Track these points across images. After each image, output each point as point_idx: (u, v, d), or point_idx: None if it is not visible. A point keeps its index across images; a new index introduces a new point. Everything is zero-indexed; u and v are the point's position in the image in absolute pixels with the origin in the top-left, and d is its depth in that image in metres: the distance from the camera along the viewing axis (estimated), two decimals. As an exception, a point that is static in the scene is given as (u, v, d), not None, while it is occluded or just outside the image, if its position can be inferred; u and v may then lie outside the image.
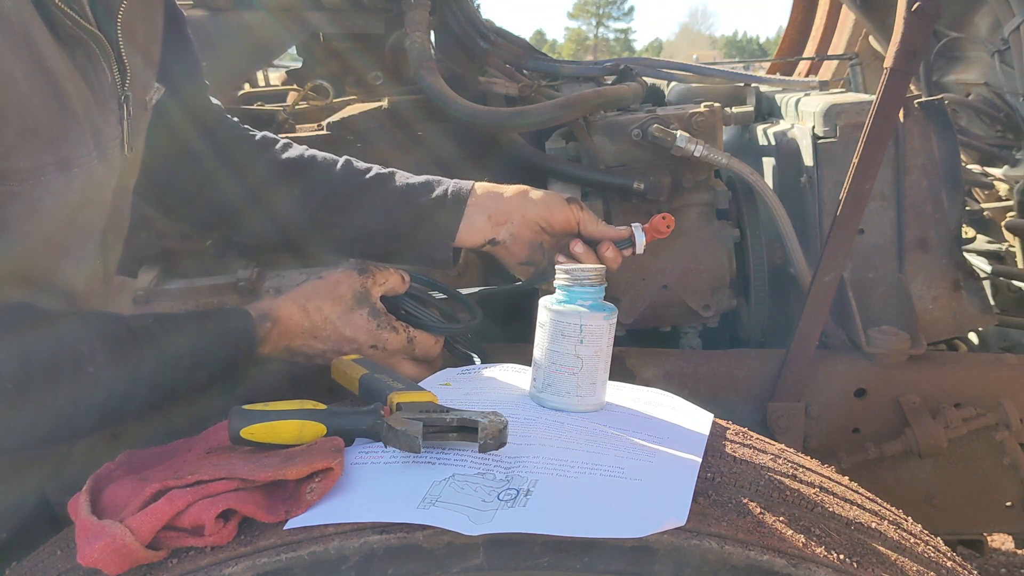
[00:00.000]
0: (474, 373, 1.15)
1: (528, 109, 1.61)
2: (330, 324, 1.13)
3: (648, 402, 1.06)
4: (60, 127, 0.96)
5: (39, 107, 0.93)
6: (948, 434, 1.49)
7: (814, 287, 1.44)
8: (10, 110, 0.89)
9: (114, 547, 0.75)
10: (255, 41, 1.78)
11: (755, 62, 5.09)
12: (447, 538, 0.77)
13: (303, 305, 1.13)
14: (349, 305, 1.14)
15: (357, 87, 1.93)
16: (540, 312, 1.01)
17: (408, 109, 1.74)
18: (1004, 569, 2.57)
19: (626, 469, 0.85)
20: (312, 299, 1.14)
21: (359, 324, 1.14)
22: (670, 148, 1.54)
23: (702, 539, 0.78)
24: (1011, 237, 2.06)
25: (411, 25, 1.73)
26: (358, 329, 1.14)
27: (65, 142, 0.96)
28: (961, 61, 2.38)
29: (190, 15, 1.76)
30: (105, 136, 1.04)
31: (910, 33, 1.34)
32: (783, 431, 1.47)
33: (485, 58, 1.87)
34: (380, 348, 1.15)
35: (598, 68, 1.90)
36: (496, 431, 0.85)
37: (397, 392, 0.98)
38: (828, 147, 1.59)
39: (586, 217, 1.33)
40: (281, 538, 0.78)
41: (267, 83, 2.12)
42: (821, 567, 0.80)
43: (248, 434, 0.89)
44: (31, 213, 0.95)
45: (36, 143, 0.93)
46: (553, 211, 1.32)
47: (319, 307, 1.13)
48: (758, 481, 0.91)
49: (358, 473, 0.85)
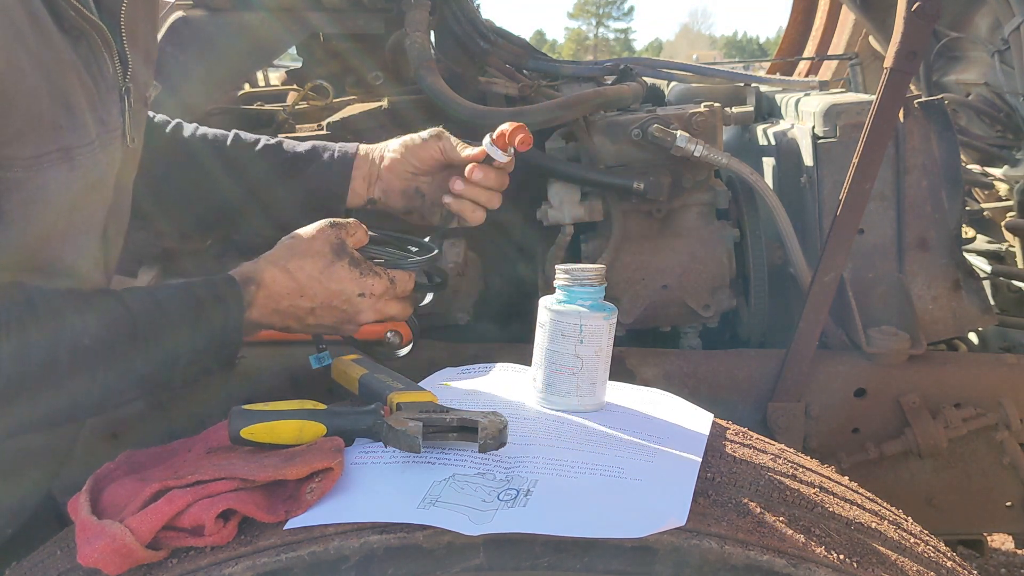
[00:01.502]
0: (474, 373, 1.15)
1: (528, 109, 1.61)
2: (314, 280, 1.14)
3: (648, 402, 1.06)
4: (64, 116, 0.97)
5: (44, 96, 0.94)
6: (948, 434, 1.49)
7: (814, 287, 1.44)
8: (18, 98, 0.91)
9: (114, 547, 0.76)
10: (255, 41, 1.78)
11: (755, 62, 5.09)
12: (447, 538, 0.77)
13: (284, 266, 1.13)
14: (329, 259, 1.14)
15: (357, 87, 1.93)
16: (540, 312, 1.01)
17: (408, 109, 1.74)
18: (1004, 569, 2.57)
19: (626, 469, 0.85)
20: (291, 259, 1.14)
21: (343, 275, 1.15)
22: (670, 148, 1.54)
23: (702, 539, 0.78)
24: (1011, 237, 2.06)
25: (411, 25, 1.73)
26: (343, 280, 1.15)
27: (69, 131, 0.98)
28: (961, 61, 2.38)
29: (190, 15, 1.76)
30: (107, 127, 1.05)
31: (910, 33, 1.34)
32: (783, 431, 1.47)
33: (485, 58, 1.87)
34: (367, 295, 1.16)
35: (598, 68, 1.90)
36: (496, 431, 0.85)
37: (397, 392, 0.98)
38: (828, 147, 1.59)
39: (447, 146, 1.35)
40: (281, 538, 0.78)
41: (267, 83, 2.12)
42: (821, 567, 0.80)
43: (248, 434, 0.89)
44: (34, 202, 0.97)
45: (40, 131, 0.95)
46: (415, 151, 1.35)
47: (300, 266, 1.13)
48: (758, 481, 0.91)
49: (358, 473, 0.85)
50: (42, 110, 0.94)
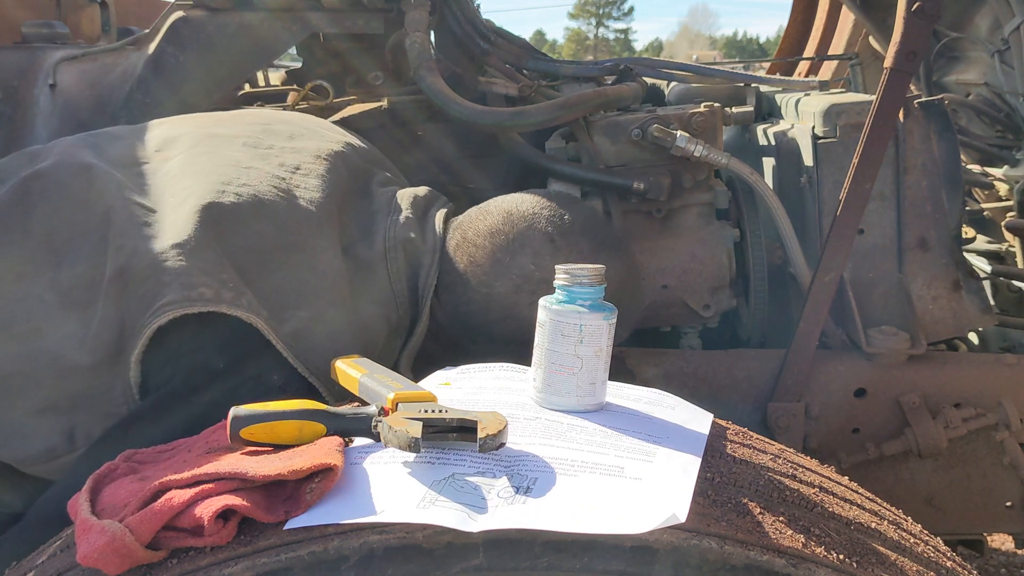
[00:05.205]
0: (474, 373, 1.15)
1: (528, 109, 1.61)
2: None
3: (648, 402, 1.06)
4: None
5: None
6: (948, 434, 1.49)
7: (814, 287, 1.44)
8: None
9: (114, 547, 0.75)
10: (255, 41, 1.79)
11: (755, 62, 5.09)
12: (447, 538, 0.77)
13: None
14: None
15: (357, 87, 1.93)
16: (539, 312, 1.01)
17: (408, 109, 1.74)
18: (1004, 569, 2.56)
19: (626, 469, 0.85)
20: None
21: None
22: (670, 148, 1.54)
23: (702, 539, 0.78)
24: (1011, 237, 2.06)
25: (411, 25, 1.73)
26: None
27: None
28: (961, 61, 2.38)
29: (190, 15, 1.76)
30: None
31: (910, 33, 1.34)
32: (783, 431, 1.47)
33: (485, 58, 1.87)
34: None
35: (598, 68, 1.90)
36: (496, 431, 0.85)
37: (397, 392, 0.98)
38: (828, 147, 1.59)
39: None
40: (281, 538, 0.78)
41: (267, 83, 2.12)
42: (821, 567, 0.80)
43: (248, 434, 0.89)
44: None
45: None
46: None
47: None
48: (758, 481, 0.91)
49: (358, 473, 0.85)
50: None
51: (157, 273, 1.10)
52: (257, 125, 1.40)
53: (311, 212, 1.24)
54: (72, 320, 1.12)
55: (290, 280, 1.18)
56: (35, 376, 1.11)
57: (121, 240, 1.15)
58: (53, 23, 1.99)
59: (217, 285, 1.10)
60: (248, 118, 1.44)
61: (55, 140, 1.38)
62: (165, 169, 1.27)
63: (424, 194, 1.39)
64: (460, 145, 1.76)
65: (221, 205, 1.17)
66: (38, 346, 1.12)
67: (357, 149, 1.44)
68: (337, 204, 1.29)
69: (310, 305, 1.18)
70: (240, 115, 1.46)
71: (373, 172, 1.43)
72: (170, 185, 1.23)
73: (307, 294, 1.19)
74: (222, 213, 1.17)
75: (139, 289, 1.10)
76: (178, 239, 1.12)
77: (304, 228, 1.22)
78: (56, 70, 1.74)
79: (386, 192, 1.38)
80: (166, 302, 1.07)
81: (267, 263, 1.18)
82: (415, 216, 1.34)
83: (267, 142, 1.34)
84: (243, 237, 1.18)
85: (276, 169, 1.28)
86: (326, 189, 1.29)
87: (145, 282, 1.10)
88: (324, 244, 1.23)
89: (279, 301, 1.16)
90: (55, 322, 1.12)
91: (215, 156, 1.28)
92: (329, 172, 1.32)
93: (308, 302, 1.18)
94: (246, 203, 1.20)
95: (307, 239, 1.23)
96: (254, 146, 1.33)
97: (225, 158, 1.27)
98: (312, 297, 1.19)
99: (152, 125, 1.41)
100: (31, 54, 1.79)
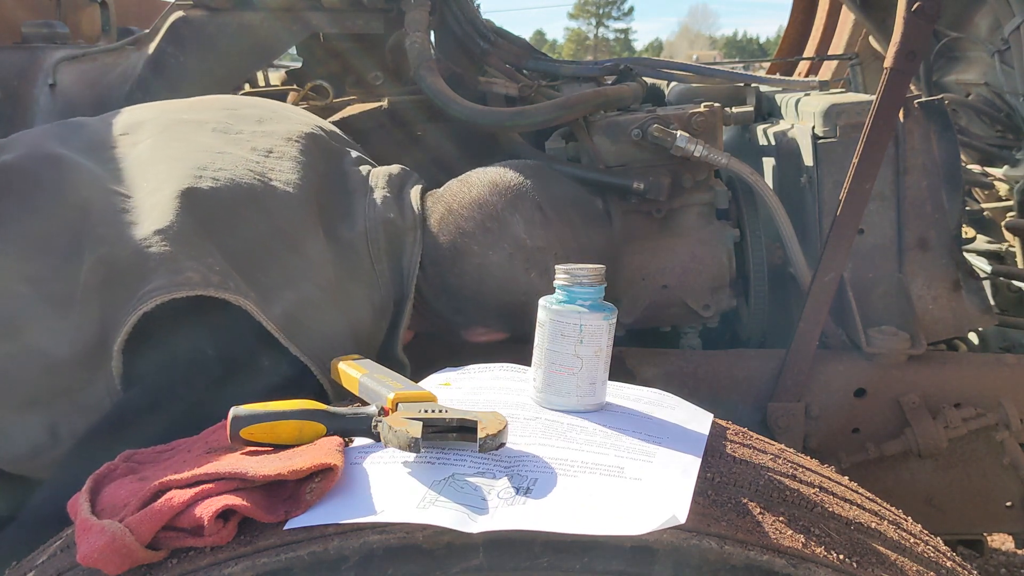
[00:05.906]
0: (474, 373, 1.15)
1: (528, 109, 1.61)
2: None
3: (648, 402, 1.06)
4: None
5: None
6: (948, 434, 1.49)
7: (814, 287, 1.44)
8: None
9: (114, 547, 0.75)
10: (255, 41, 1.79)
11: (755, 62, 5.09)
12: (447, 538, 0.77)
13: None
14: None
15: (357, 87, 1.93)
16: (540, 312, 1.01)
17: (408, 109, 1.74)
18: (1004, 569, 2.56)
19: (626, 469, 0.85)
20: None
21: None
22: (670, 148, 1.54)
23: (702, 539, 0.78)
24: (1011, 237, 2.06)
25: (411, 25, 1.73)
26: None
27: None
28: (961, 61, 2.38)
29: (190, 15, 1.76)
30: None
31: (910, 33, 1.34)
32: (783, 431, 1.47)
33: (485, 58, 1.87)
34: None
35: (598, 68, 1.90)
36: (496, 431, 0.85)
37: (397, 392, 0.98)
38: (828, 147, 1.59)
39: None
40: (281, 538, 0.78)
41: (267, 83, 2.12)
42: (821, 567, 0.80)
43: (248, 434, 0.89)
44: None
45: None
46: None
47: None
48: (758, 481, 0.91)
49: (358, 473, 0.85)
50: None
51: (141, 260, 1.08)
52: (224, 111, 1.38)
53: (290, 194, 1.23)
54: (51, 313, 1.10)
55: (275, 263, 1.18)
56: (15, 373, 1.10)
57: (100, 229, 1.13)
58: (53, 23, 2.00)
59: (204, 269, 1.08)
60: (214, 104, 1.43)
61: (17, 133, 1.36)
62: (135, 154, 1.25)
63: (397, 172, 1.39)
64: (460, 145, 1.76)
65: (200, 190, 1.16)
66: (17, 342, 1.10)
67: (326, 130, 1.45)
68: (314, 186, 1.28)
69: (296, 287, 1.18)
70: (205, 101, 1.44)
71: (344, 152, 1.42)
72: (142, 170, 1.22)
73: (293, 277, 1.18)
74: (201, 198, 1.16)
75: (123, 277, 1.09)
76: (160, 225, 1.11)
77: (285, 211, 1.22)
78: (56, 70, 1.74)
79: (359, 172, 1.38)
80: (152, 287, 1.05)
81: (251, 247, 1.17)
82: (392, 195, 1.34)
83: (236, 127, 1.33)
84: (224, 222, 1.17)
85: (249, 154, 1.27)
86: (301, 171, 1.28)
87: (129, 270, 1.08)
88: (306, 226, 1.23)
89: (266, 284, 1.15)
90: (33, 316, 1.10)
91: (187, 142, 1.26)
92: (303, 154, 1.31)
93: (295, 284, 1.18)
94: (224, 188, 1.18)
95: (289, 222, 1.22)
96: (224, 131, 1.31)
97: (197, 144, 1.26)
98: (299, 279, 1.18)
99: (116, 112, 1.39)
100: (31, 54, 1.79)
